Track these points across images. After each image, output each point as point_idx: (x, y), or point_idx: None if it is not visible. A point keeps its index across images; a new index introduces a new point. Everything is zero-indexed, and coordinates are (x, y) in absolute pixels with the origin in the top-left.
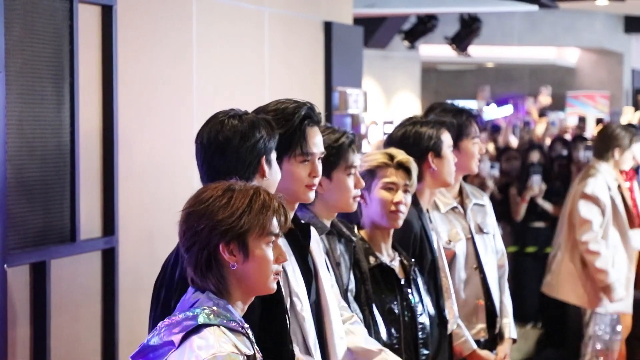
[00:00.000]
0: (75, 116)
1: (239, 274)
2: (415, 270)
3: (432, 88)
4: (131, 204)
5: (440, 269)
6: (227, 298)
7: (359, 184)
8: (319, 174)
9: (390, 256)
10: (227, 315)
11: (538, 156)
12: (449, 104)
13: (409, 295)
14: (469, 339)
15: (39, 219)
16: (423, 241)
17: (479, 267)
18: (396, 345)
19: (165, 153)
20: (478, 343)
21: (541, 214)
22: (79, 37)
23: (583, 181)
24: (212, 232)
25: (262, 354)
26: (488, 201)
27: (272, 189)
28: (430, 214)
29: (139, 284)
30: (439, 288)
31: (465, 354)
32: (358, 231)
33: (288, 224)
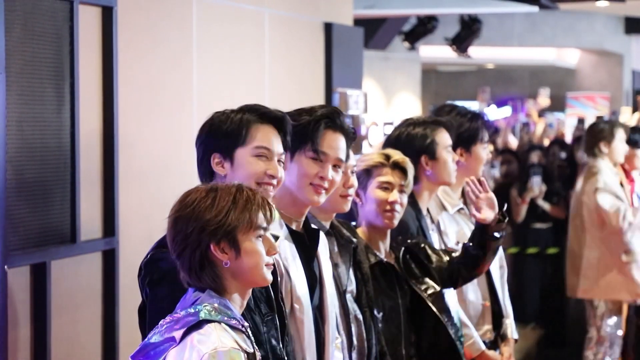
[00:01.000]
0: (75, 117)
1: (233, 270)
2: (413, 266)
3: (433, 89)
4: (131, 205)
5: None
6: (225, 295)
7: (348, 183)
8: (327, 177)
9: (388, 255)
10: (228, 312)
11: (538, 157)
12: (462, 107)
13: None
14: (477, 340)
15: (39, 220)
16: None
17: None
18: (397, 345)
19: (166, 154)
20: (484, 344)
21: (542, 215)
22: (79, 38)
23: (589, 180)
24: (202, 234)
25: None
26: None
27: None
28: (439, 215)
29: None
30: None
31: (474, 355)
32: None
33: (274, 217)
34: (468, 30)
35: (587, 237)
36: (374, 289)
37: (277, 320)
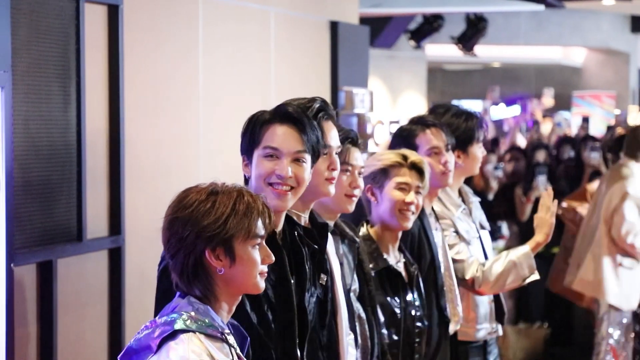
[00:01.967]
0: (81, 115)
1: (225, 278)
2: (417, 273)
3: (438, 88)
4: (137, 203)
5: (441, 269)
6: (213, 302)
7: (354, 183)
8: (337, 167)
9: (396, 258)
10: (205, 320)
11: (544, 156)
12: (456, 106)
13: (411, 298)
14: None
15: (45, 218)
16: (422, 241)
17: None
18: (395, 350)
19: (172, 152)
20: (492, 340)
21: None
22: (85, 37)
23: (621, 181)
24: (198, 239)
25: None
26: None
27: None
28: (452, 217)
29: (145, 283)
30: (439, 288)
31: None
32: (368, 229)
33: (272, 224)
34: (474, 29)
35: (599, 235)
36: (379, 293)
37: (297, 322)
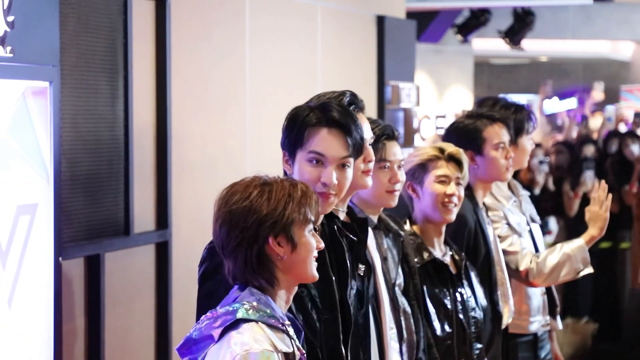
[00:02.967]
0: (129, 110)
1: (286, 265)
2: (467, 265)
3: (485, 82)
4: (184, 198)
5: (495, 263)
6: (274, 291)
7: (394, 178)
8: (372, 157)
9: (442, 251)
10: (267, 311)
11: (592, 151)
12: (503, 99)
13: (462, 290)
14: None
15: (93, 212)
16: (477, 235)
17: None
18: (448, 341)
19: (218, 146)
20: (545, 335)
21: None
22: (132, 31)
23: None
24: (261, 227)
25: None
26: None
27: None
28: (504, 208)
29: (192, 276)
30: (492, 282)
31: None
32: (411, 226)
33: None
34: (521, 23)
35: None
36: (426, 287)
37: (340, 319)
